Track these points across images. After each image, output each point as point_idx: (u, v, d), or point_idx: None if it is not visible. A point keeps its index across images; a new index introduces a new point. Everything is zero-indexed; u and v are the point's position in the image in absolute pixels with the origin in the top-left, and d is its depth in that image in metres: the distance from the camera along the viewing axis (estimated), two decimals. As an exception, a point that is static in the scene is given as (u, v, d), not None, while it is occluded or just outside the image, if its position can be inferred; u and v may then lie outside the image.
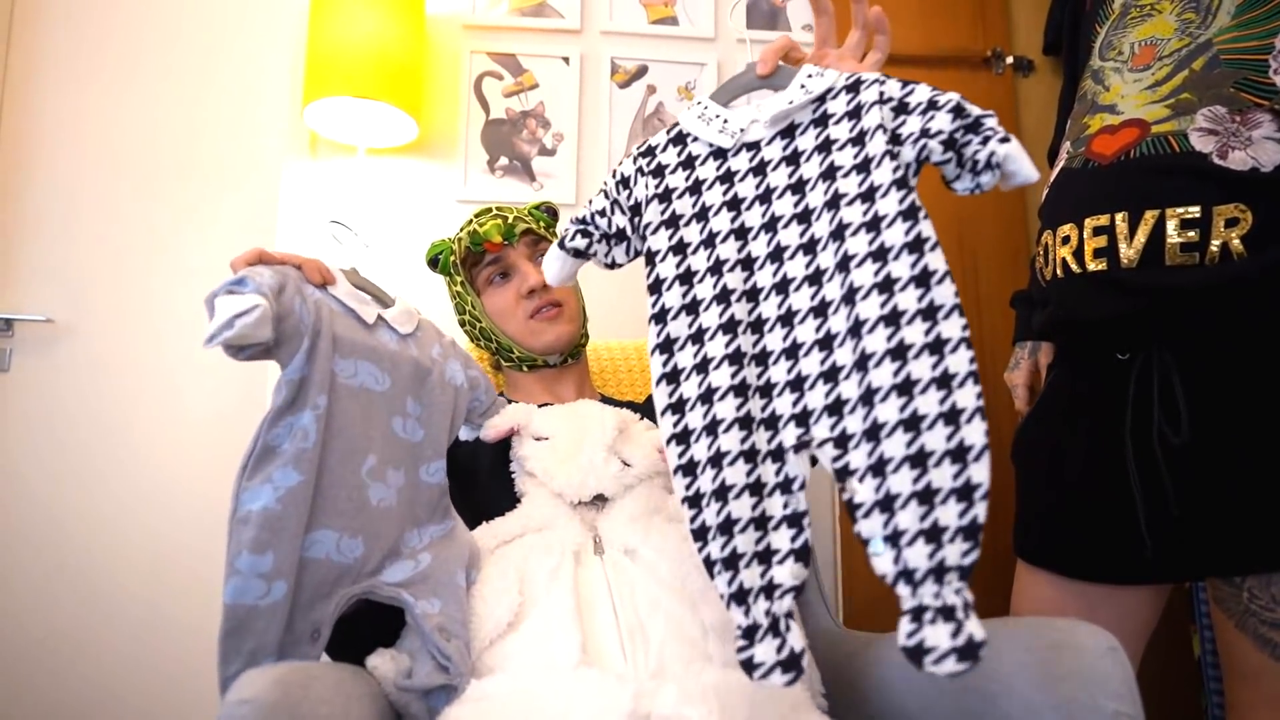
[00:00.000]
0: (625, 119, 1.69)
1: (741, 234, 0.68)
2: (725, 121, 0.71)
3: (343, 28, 1.44)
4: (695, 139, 0.72)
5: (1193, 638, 1.44)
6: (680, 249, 0.69)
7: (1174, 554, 0.80)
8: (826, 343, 0.62)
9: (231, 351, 0.62)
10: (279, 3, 1.73)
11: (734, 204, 0.69)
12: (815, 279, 0.64)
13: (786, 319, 0.64)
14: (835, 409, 0.60)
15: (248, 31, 1.75)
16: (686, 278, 0.68)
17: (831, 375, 0.61)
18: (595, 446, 0.81)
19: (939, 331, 0.57)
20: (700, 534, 0.61)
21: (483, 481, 0.88)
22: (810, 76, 0.69)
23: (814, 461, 0.62)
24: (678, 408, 0.64)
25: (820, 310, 0.63)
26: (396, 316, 0.80)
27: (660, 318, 0.67)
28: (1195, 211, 0.76)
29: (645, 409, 1.01)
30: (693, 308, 0.66)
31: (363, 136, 1.56)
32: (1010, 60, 1.70)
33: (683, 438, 0.63)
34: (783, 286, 0.65)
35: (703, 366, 0.64)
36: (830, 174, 0.65)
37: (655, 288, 0.68)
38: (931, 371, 0.56)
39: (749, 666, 0.56)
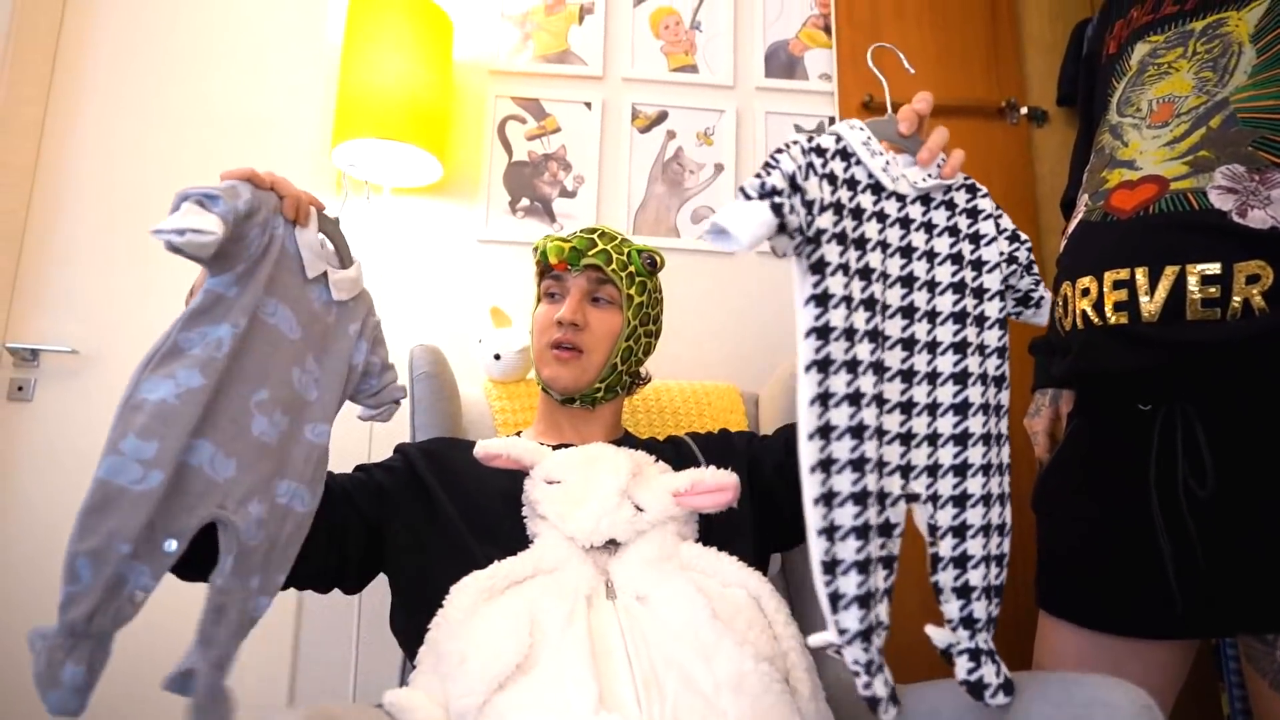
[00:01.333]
0: (645, 163, 1.71)
1: (884, 277, 0.68)
2: (887, 163, 0.70)
3: (373, 72, 1.48)
4: (859, 163, 0.69)
5: (1221, 696, 1.39)
6: (847, 270, 0.64)
7: (1204, 609, 0.78)
8: (933, 409, 0.68)
9: (169, 249, 0.64)
10: (312, 47, 1.78)
11: (884, 246, 0.69)
12: (933, 348, 0.70)
13: (907, 375, 0.68)
14: (933, 471, 0.68)
15: (280, 73, 1.80)
16: (849, 301, 0.63)
17: (933, 440, 0.68)
18: (608, 491, 0.80)
19: (1002, 428, 0.70)
20: (831, 568, 0.59)
21: (492, 520, 0.87)
22: (944, 160, 0.74)
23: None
24: (824, 432, 0.61)
25: (932, 378, 0.69)
26: (339, 281, 0.82)
27: (822, 333, 0.61)
28: (1216, 268, 0.76)
29: (665, 448, 1.00)
30: (850, 334, 0.62)
31: (388, 176, 1.59)
32: (1025, 111, 1.71)
33: (826, 465, 0.60)
34: (909, 344, 0.68)
35: (854, 399, 0.61)
36: (958, 259, 0.72)
37: (822, 300, 0.61)
38: (998, 459, 0.69)
39: (874, 702, 0.60)
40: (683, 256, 1.67)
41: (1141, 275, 0.80)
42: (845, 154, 0.69)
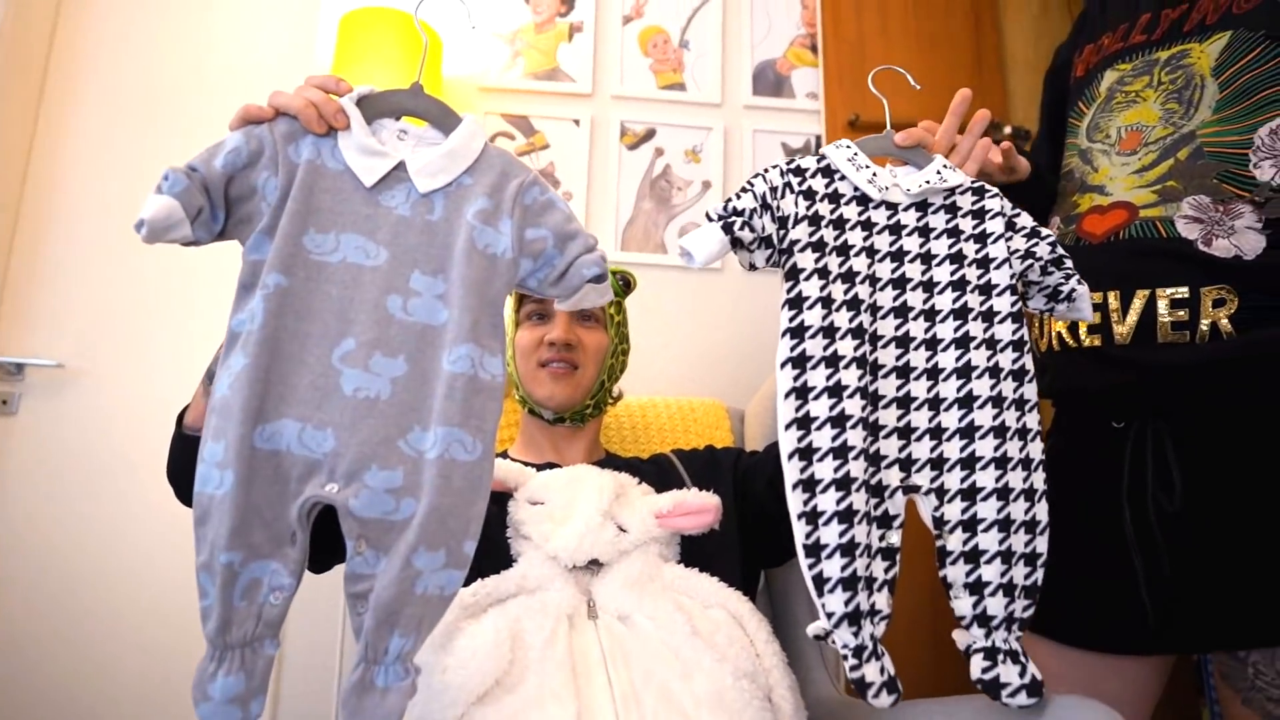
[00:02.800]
0: (633, 180, 1.73)
1: (873, 281, 0.72)
2: (874, 175, 0.75)
3: (364, 79, 1.49)
4: (843, 178, 0.75)
5: (1202, 712, 1.41)
6: (824, 274, 0.70)
7: (1176, 624, 0.80)
8: (935, 404, 0.70)
9: (146, 242, 0.60)
10: (303, 64, 1.79)
11: (870, 251, 0.73)
12: (932, 345, 0.71)
13: (903, 371, 0.70)
14: (937, 464, 0.68)
15: (269, 89, 1.82)
16: (827, 302, 0.69)
17: (937, 434, 0.69)
18: (591, 512, 0.81)
19: (1026, 421, 0.69)
20: (814, 551, 0.63)
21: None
22: (946, 168, 0.76)
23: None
24: (803, 423, 0.66)
25: (933, 374, 0.70)
26: (423, 166, 0.67)
27: (797, 332, 0.68)
28: (1184, 292, 0.78)
29: (649, 467, 1.02)
30: (829, 332, 0.68)
31: (377, 193, 1.61)
32: (1009, 129, 1.74)
33: (806, 454, 0.65)
34: (903, 341, 0.71)
35: (835, 390, 0.66)
36: (958, 259, 0.73)
37: (796, 303, 0.68)
38: (1019, 454, 0.68)
39: (862, 685, 0.61)
40: (670, 273, 1.69)
41: (1114, 299, 0.82)
42: (828, 171, 0.75)
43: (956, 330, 0.71)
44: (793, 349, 0.67)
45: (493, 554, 0.84)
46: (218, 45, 1.82)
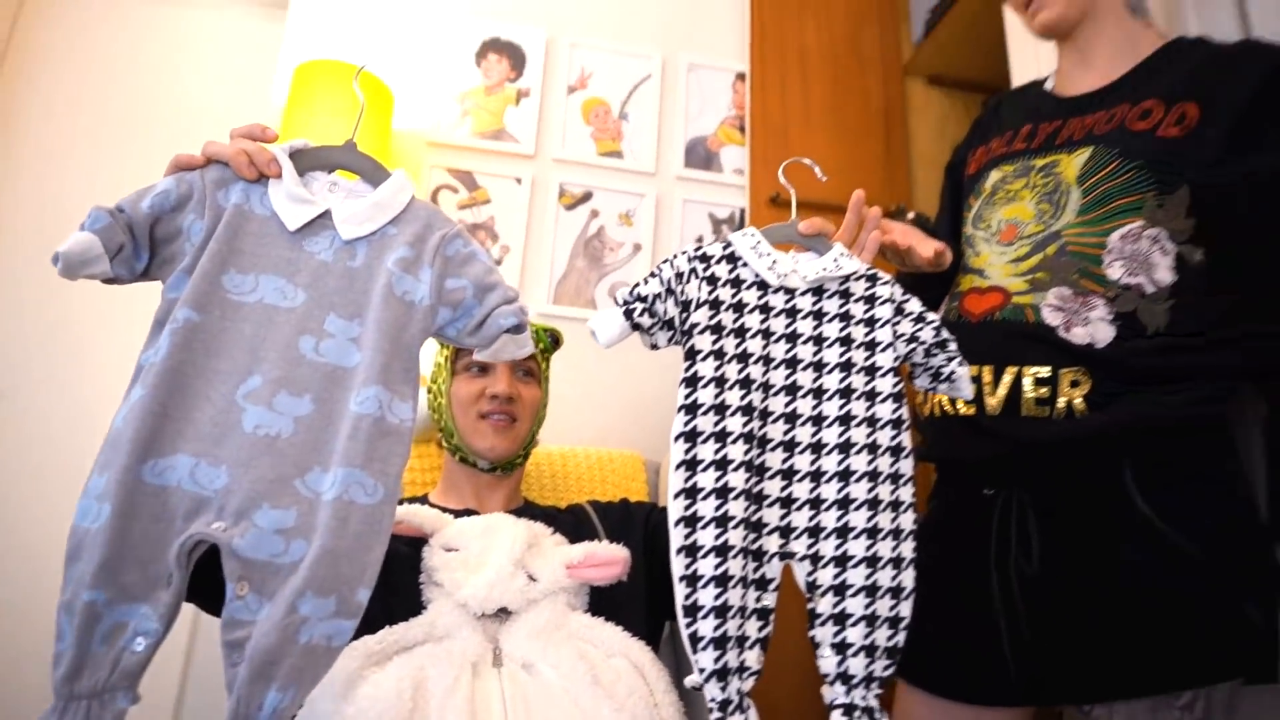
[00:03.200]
0: (568, 238, 1.76)
1: (767, 361, 0.74)
2: (774, 262, 0.78)
3: (313, 127, 1.48)
4: (745, 264, 0.78)
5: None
6: (720, 355, 0.72)
7: (1033, 681, 0.83)
8: (816, 476, 0.72)
9: (62, 275, 0.58)
10: (256, 110, 1.77)
11: (766, 334, 0.75)
12: (817, 421, 0.74)
13: (789, 445, 0.72)
14: (814, 533, 0.70)
15: (220, 120, 1.78)
16: (720, 381, 0.71)
17: (816, 504, 0.71)
18: (503, 560, 0.81)
19: (899, 495, 0.72)
20: (691, 611, 0.65)
21: (390, 583, 0.85)
22: (843, 255, 0.79)
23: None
24: (690, 493, 0.67)
25: (816, 448, 0.73)
26: (353, 214, 0.66)
27: (690, 409, 0.70)
28: (1046, 372, 0.83)
29: (565, 517, 1.01)
30: (720, 409, 0.70)
31: (318, 235, 1.58)
32: (911, 215, 1.83)
33: (690, 521, 0.67)
34: (791, 418, 0.73)
35: (721, 465, 0.68)
36: (847, 342, 0.76)
37: (692, 382, 0.71)
38: (890, 524, 0.71)
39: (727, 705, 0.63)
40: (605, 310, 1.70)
41: (987, 373, 0.87)
42: (732, 257, 0.78)
43: (841, 409, 0.74)
44: (685, 424, 0.69)
45: (404, 600, 0.82)
46: (175, 85, 1.79)
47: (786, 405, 0.73)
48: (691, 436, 0.69)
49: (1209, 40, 0.92)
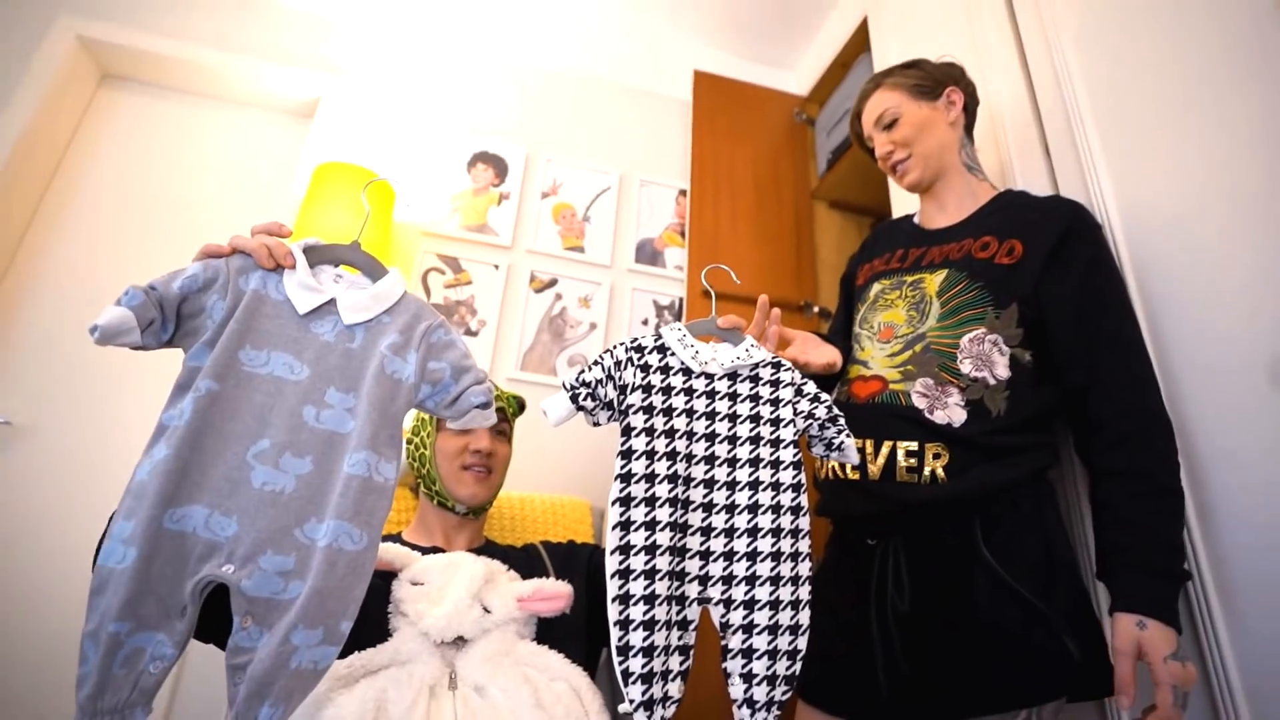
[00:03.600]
0: (536, 316, 1.78)
1: (690, 435, 0.75)
2: (696, 352, 0.80)
3: (326, 219, 1.49)
4: (673, 354, 0.81)
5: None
6: (650, 431, 0.74)
7: (903, 700, 0.84)
8: (730, 533, 0.72)
9: (98, 344, 0.59)
10: (279, 199, 1.77)
11: (689, 412, 0.77)
12: (731, 486, 0.75)
13: (707, 507, 0.73)
14: (727, 581, 0.71)
15: (247, 207, 1.78)
16: (651, 454, 0.72)
17: (729, 557, 0.72)
18: (462, 594, 0.79)
19: (798, 547, 0.72)
20: (624, 651, 0.64)
21: (362, 613, 0.83)
22: (753, 346, 0.82)
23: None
24: (624, 550, 0.68)
25: (730, 509, 0.74)
26: (355, 303, 0.67)
27: (625, 478, 0.71)
28: (914, 446, 0.87)
29: (520, 555, 1.00)
30: (650, 478, 0.71)
31: (322, 305, 1.57)
32: (816, 309, 1.92)
33: (624, 574, 0.67)
34: (709, 483, 0.74)
35: (650, 525, 0.69)
36: (756, 418, 0.78)
37: (627, 455, 0.72)
38: (790, 572, 0.71)
39: None
40: (555, 391, 1.71)
41: (869, 445, 0.89)
42: (662, 348, 0.80)
43: (750, 475, 0.75)
44: (620, 490, 0.70)
45: (372, 628, 0.80)
46: (208, 175, 1.79)
47: (705, 473, 0.74)
48: (625, 501, 0.70)
49: (1028, 193, 1.02)
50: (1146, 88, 1.00)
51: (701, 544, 0.72)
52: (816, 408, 0.79)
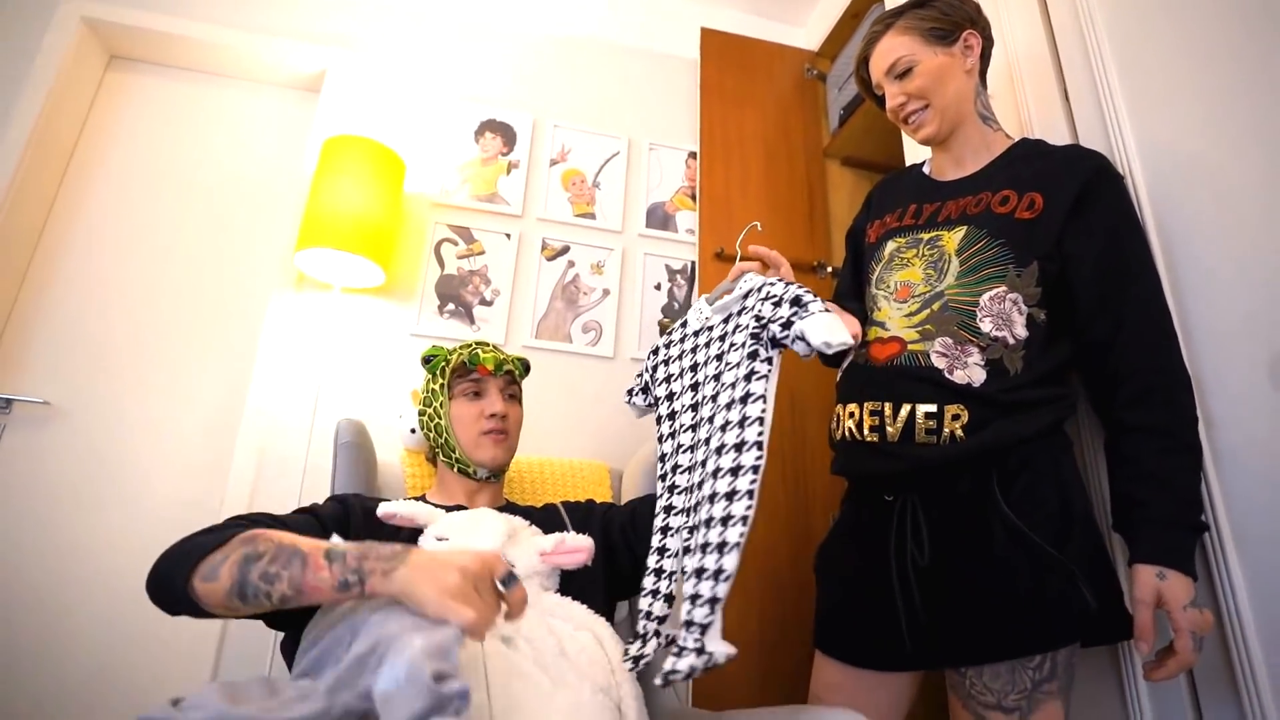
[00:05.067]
0: (549, 283, 1.78)
1: (694, 387, 0.87)
2: (701, 309, 0.92)
3: (335, 197, 1.50)
4: (685, 323, 0.94)
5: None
6: (671, 415, 0.92)
7: (924, 649, 0.85)
8: (713, 471, 0.76)
9: None
10: (290, 172, 1.78)
11: (694, 368, 0.89)
12: (711, 422, 0.80)
13: (693, 449, 0.83)
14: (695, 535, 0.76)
15: (260, 185, 1.79)
16: (672, 435, 0.89)
17: (711, 499, 0.75)
18: (486, 548, 0.81)
19: (744, 437, 0.74)
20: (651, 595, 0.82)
21: None
22: (744, 283, 0.86)
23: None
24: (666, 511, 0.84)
25: (709, 444, 0.79)
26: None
27: (662, 459, 0.90)
28: (934, 408, 0.86)
29: (540, 513, 1.02)
30: (663, 458, 0.89)
31: (339, 278, 1.59)
32: (830, 269, 1.90)
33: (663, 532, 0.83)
34: (694, 427, 0.84)
35: (668, 508, 0.84)
36: (740, 346, 0.81)
37: (659, 440, 0.92)
38: (730, 463, 0.74)
39: (638, 659, 0.77)
40: (572, 358, 1.72)
41: (888, 408, 0.89)
42: (684, 324, 0.95)
43: (727, 400, 0.78)
44: (659, 470, 0.90)
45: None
46: (219, 152, 1.79)
47: (693, 419, 0.84)
48: (664, 458, 0.90)
49: (1045, 142, 0.98)
50: (1172, 31, 0.96)
51: (692, 500, 0.79)
52: (762, 306, 0.78)
